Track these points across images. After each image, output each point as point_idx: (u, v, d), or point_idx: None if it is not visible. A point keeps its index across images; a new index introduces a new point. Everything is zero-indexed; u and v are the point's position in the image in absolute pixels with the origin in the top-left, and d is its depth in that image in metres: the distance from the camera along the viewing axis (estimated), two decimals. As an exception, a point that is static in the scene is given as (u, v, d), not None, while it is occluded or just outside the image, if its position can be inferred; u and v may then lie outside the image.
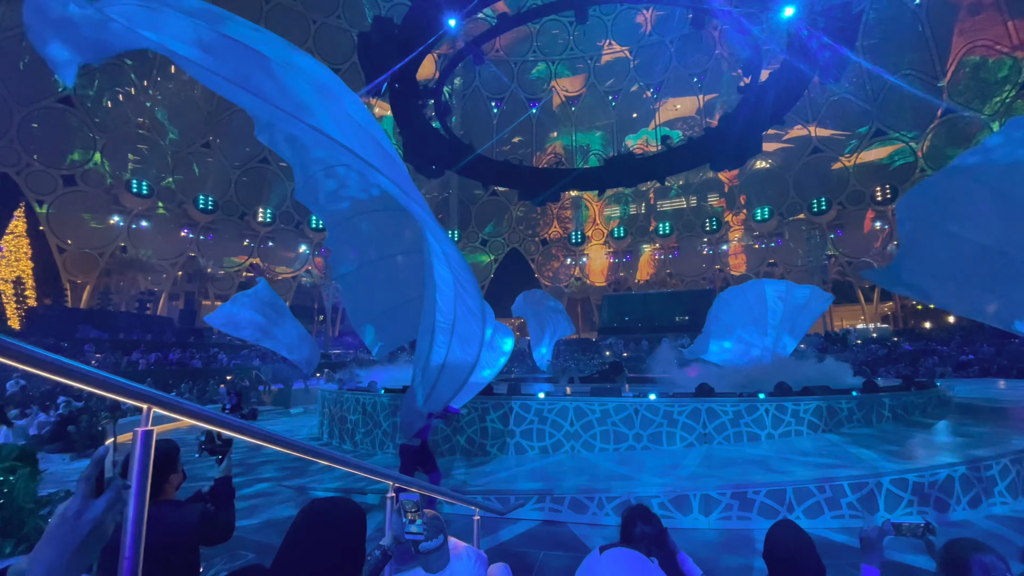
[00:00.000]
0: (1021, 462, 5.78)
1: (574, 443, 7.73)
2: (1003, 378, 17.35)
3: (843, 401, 8.38)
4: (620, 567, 0.95)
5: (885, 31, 30.95)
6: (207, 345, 28.33)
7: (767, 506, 5.40)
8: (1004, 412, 9.23)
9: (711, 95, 41.87)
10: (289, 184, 38.86)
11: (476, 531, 3.41)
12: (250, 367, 23.65)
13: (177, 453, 2.22)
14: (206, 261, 36.32)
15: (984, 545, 1.45)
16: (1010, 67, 27.31)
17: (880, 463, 5.88)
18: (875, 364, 22.69)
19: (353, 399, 9.43)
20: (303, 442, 1.74)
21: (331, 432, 10.04)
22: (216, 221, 36.22)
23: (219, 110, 35.71)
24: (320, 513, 1.29)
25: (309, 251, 40.64)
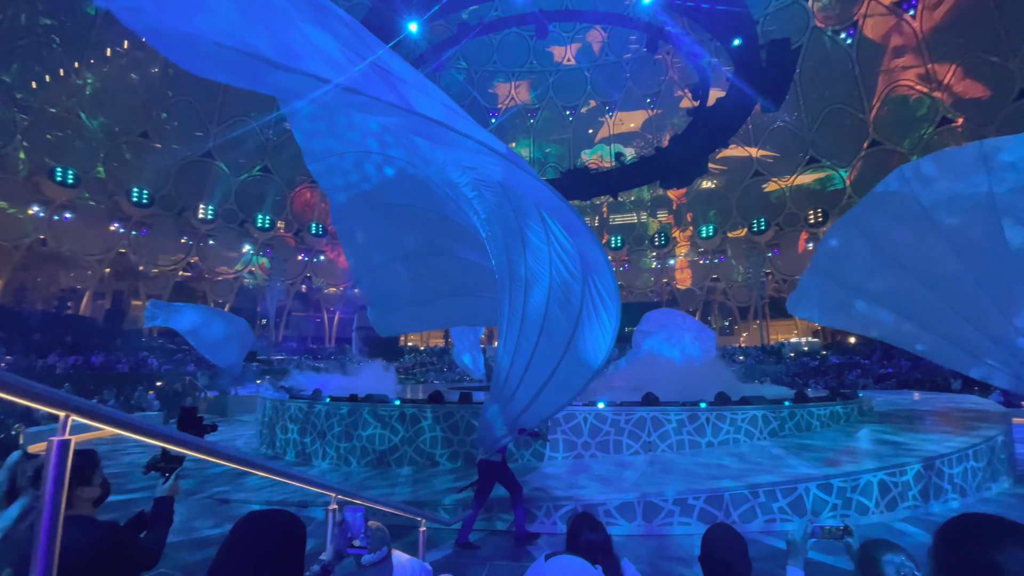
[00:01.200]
0: (932, 468, 6.29)
1: (524, 452, 7.75)
2: (918, 390, 18.89)
3: (777, 411, 8.86)
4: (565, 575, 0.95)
5: (820, 66, 33.36)
6: (135, 348, 26.44)
7: (706, 511, 5.61)
8: (917, 421, 10.05)
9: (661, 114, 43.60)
10: (234, 180, 37.11)
11: (422, 543, 3.35)
12: (183, 372, 22.25)
13: (92, 465, 2.04)
14: (138, 258, 33.92)
15: (895, 545, 1.58)
16: (928, 106, 30.08)
17: (808, 469, 6.24)
18: (806, 376, 24.15)
19: (296, 407, 9.06)
20: (240, 453, 1.66)
21: (272, 442, 9.59)
22: (151, 216, 33.94)
23: (159, 98, 33.69)
24: (255, 527, 1.23)
25: (253, 251, 38.85)
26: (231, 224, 37.56)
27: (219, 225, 36.96)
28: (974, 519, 0.87)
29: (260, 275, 38.91)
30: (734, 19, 20.37)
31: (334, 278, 42.77)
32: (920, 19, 28.91)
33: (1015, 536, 0.81)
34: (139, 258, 33.92)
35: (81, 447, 2.09)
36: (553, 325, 4.87)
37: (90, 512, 1.98)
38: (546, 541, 5.27)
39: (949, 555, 0.85)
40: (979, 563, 0.80)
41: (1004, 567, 0.76)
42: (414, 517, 3.31)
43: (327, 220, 42.06)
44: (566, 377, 5.03)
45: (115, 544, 1.82)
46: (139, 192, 33.09)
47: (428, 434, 7.86)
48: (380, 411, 8.14)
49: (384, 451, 7.94)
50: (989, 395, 15.60)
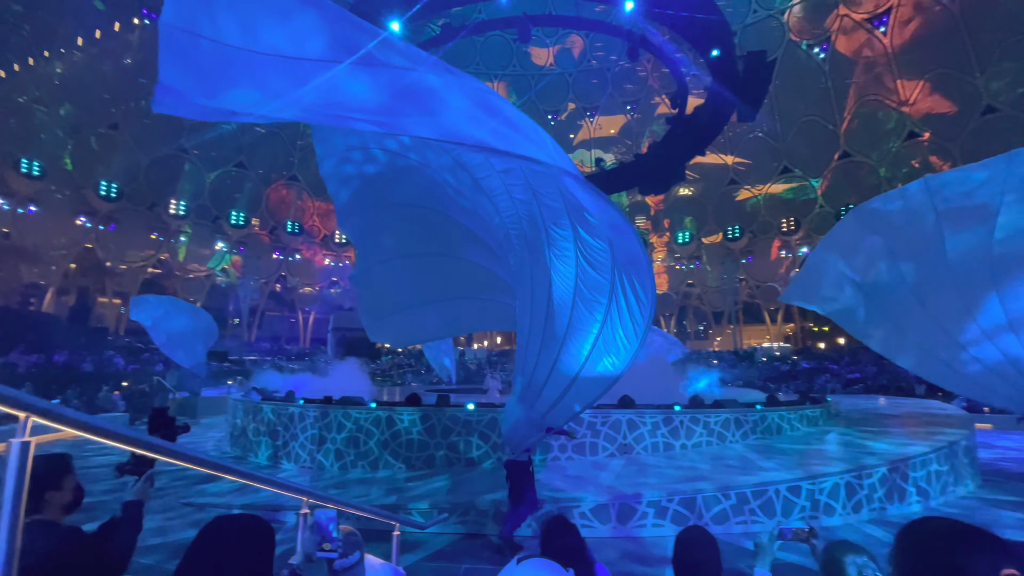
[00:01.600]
0: (896, 471, 6.51)
1: (501, 455, 7.73)
2: (883, 395, 19.52)
3: (749, 414, 9.05)
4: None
5: (795, 79, 34.31)
6: (100, 347, 25.53)
7: (680, 514, 5.69)
8: (883, 425, 10.39)
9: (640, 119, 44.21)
10: (208, 175, 36.20)
11: (395, 547, 3.31)
12: (151, 372, 21.56)
13: (62, 469, 1.97)
14: (105, 254, 32.79)
15: (858, 546, 1.63)
16: (896, 120, 31.21)
17: (778, 472, 6.39)
18: (778, 380, 24.73)
19: (269, 409, 8.88)
20: (210, 456, 1.62)
21: (243, 445, 9.37)
22: (120, 210, 32.82)
23: (131, 89, 32.69)
24: (222, 532, 1.20)
25: (227, 249, 37.93)
26: (204, 220, 36.63)
27: (191, 221, 36.01)
28: (932, 523, 0.90)
29: (233, 273, 38.02)
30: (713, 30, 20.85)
31: (310, 278, 42.08)
32: (890, 36, 29.98)
33: (972, 540, 0.83)
34: (106, 254, 32.78)
35: (51, 450, 2.02)
36: (581, 321, 4.84)
37: (59, 518, 1.91)
38: (521, 544, 5.26)
39: (908, 559, 0.88)
40: (937, 566, 0.83)
41: (962, 570, 0.79)
42: (388, 521, 3.28)
43: (303, 218, 41.39)
44: (594, 373, 4.99)
45: (80, 551, 1.76)
46: (107, 185, 31.98)
47: (404, 437, 7.79)
48: (355, 413, 8.04)
49: (358, 454, 7.84)
50: (952, 400, 16.22)
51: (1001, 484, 7.94)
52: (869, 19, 30.57)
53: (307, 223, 41.64)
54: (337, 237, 43.07)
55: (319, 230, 42.41)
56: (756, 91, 19.33)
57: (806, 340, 39.27)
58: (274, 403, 9.00)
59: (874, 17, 30.41)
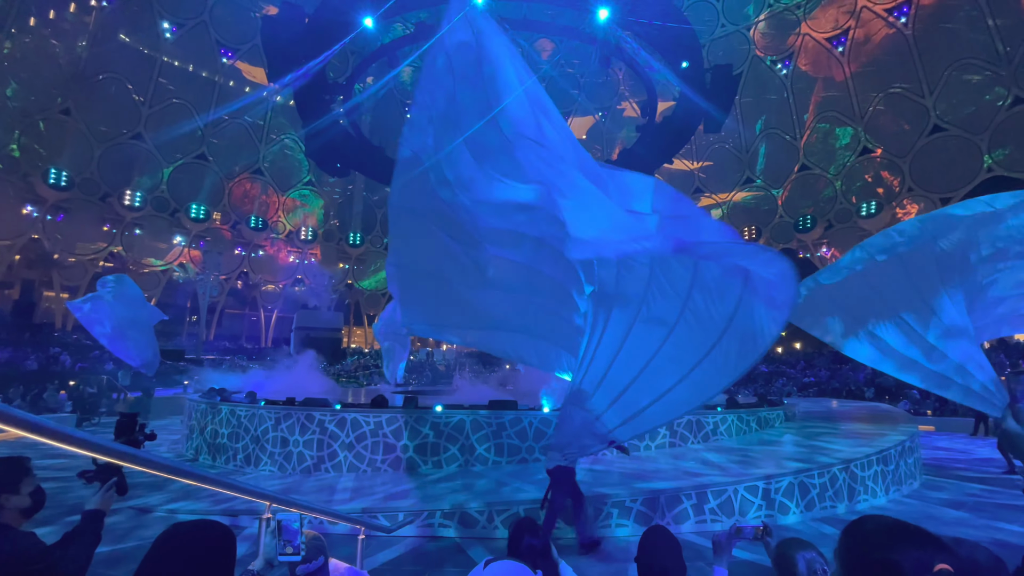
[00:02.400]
0: (847, 471, 6.83)
1: (468, 456, 7.72)
2: (835, 398, 20.44)
3: (710, 416, 9.32)
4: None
5: (758, 93, 35.58)
6: (46, 344, 24.15)
7: (642, 513, 5.81)
8: (835, 427, 10.87)
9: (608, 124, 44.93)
10: (166, 166, 34.73)
11: (360, 551, 3.27)
12: (101, 371, 20.52)
13: (21, 473, 1.88)
14: (53, 245, 30.99)
15: (807, 543, 1.72)
16: (851, 136, 32.79)
17: (737, 471, 6.61)
18: (737, 383, 25.50)
19: (227, 411, 8.60)
20: (165, 458, 1.57)
21: (199, 447, 9.03)
22: (70, 200, 31.09)
23: (85, 72, 31.06)
24: (179, 538, 1.17)
25: (185, 243, 36.46)
26: (161, 213, 35.07)
27: (147, 213, 34.42)
28: (871, 522, 0.97)
29: (192, 269, 36.58)
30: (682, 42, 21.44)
31: (272, 274, 40.89)
32: (848, 56, 31.47)
33: (910, 537, 0.90)
34: (54, 245, 30.98)
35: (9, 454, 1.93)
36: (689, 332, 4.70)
37: (16, 523, 1.83)
38: (488, 547, 5.27)
39: (851, 555, 0.95)
40: (877, 562, 0.89)
41: (900, 566, 0.86)
42: (353, 524, 3.23)
43: (267, 213, 40.20)
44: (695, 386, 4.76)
45: (34, 558, 1.68)
46: (57, 173, 30.26)
47: (370, 439, 7.68)
48: (319, 416, 7.87)
49: (323, 456, 7.68)
50: (898, 403, 17.14)
51: (941, 483, 8.44)
52: (828, 39, 32.02)
53: (271, 218, 40.48)
54: (302, 233, 42.01)
55: (284, 226, 41.29)
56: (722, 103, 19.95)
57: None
58: (234, 405, 8.72)
59: (833, 37, 31.88)
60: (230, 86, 37.23)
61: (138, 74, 33.16)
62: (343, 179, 41.13)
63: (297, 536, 1.64)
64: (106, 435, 12.22)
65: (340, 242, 43.96)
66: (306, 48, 19.95)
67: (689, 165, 41.40)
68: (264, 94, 36.49)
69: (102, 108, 31.78)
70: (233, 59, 36.63)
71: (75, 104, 30.95)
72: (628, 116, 42.67)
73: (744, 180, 38.83)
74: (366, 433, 7.69)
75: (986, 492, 7.72)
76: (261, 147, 39.41)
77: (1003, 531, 5.78)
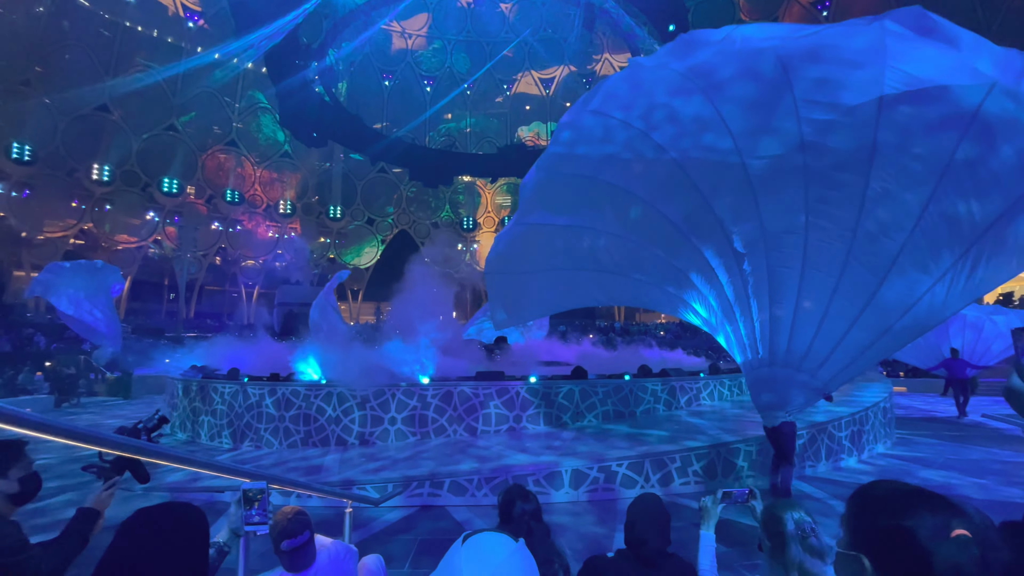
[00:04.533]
0: (824, 431, 7.03)
1: (456, 427, 7.77)
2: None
3: (692, 382, 9.49)
4: (483, 555, 0.92)
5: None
6: (18, 324, 23.48)
7: (628, 477, 5.93)
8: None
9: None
10: (135, 139, 33.30)
11: (348, 524, 3.26)
12: (77, 351, 20.06)
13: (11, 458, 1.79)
14: (20, 223, 29.76)
15: (794, 503, 1.73)
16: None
17: (720, 435, 6.76)
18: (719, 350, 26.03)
19: (210, 388, 8.48)
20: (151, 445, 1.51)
21: (182, 425, 8.94)
22: (35, 176, 29.73)
23: (46, 41, 29.28)
24: (146, 523, 1.10)
25: (159, 218, 35.34)
26: (132, 188, 33.81)
27: (117, 188, 33.16)
28: (884, 486, 0.92)
29: (167, 245, 35.59)
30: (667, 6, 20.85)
31: (252, 250, 40.03)
32: (832, 19, 31.15)
33: (925, 502, 0.85)
34: (21, 223, 29.76)
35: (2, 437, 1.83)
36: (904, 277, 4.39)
37: (7, 511, 1.76)
38: (477, 513, 5.34)
39: (861, 522, 0.90)
40: (890, 529, 0.85)
41: (914, 532, 0.82)
42: (340, 498, 3.21)
43: (244, 186, 39.07)
44: (907, 325, 4.60)
45: (5, 549, 1.60)
46: (20, 147, 28.82)
47: (357, 413, 7.66)
48: (303, 391, 7.80)
49: (309, 431, 7.65)
50: (872, 366, 17.68)
51: (912, 441, 8.78)
52: (813, 2, 31.59)
53: (248, 192, 39.37)
54: (281, 207, 41.03)
55: (261, 199, 40.22)
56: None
57: (746, 312, 41.42)
58: (216, 382, 8.59)
59: (818, 1, 31.45)
60: (197, 52, 35.54)
61: (100, 41, 31.41)
62: (321, 150, 40.02)
63: (264, 504, 1.58)
64: (88, 417, 12.03)
65: (320, 216, 43.10)
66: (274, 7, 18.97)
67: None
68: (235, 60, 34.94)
69: (64, 78, 30.13)
70: (199, 22, 34.87)
71: (35, 75, 29.29)
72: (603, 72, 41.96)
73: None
74: (353, 407, 7.66)
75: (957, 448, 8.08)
76: (234, 117, 37.97)
77: (985, 488, 6.07)
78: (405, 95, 44.47)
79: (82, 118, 31.35)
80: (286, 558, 2.10)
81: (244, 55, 34.57)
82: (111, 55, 32.04)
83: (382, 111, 43.46)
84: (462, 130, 46.05)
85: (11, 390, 14.80)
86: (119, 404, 14.26)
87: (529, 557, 0.98)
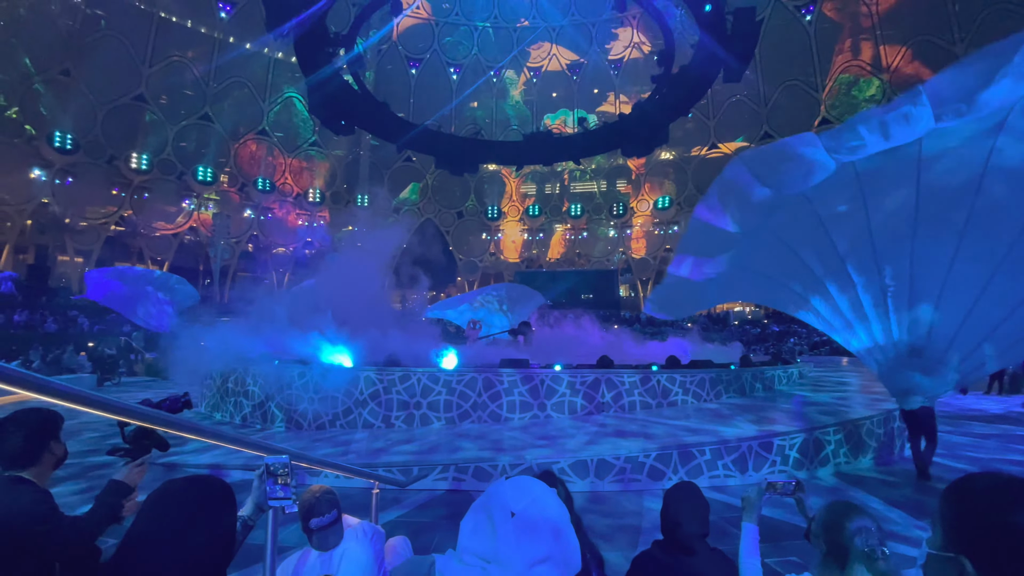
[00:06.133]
0: (860, 427, 6.76)
1: (481, 413, 7.77)
2: (847, 356, 20.31)
3: (723, 374, 9.25)
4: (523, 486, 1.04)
5: (780, 41, 33.82)
6: (63, 307, 24.59)
7: (656, 468, 5.82)
8: (848, 386, 10.80)
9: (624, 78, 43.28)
10: (171, 128, 34.24)
11: (375, 505, 3.26)
12: (118, 333, 20.91)
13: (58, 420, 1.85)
14: (63, 210, 31.03)
15: (861, 510, 1.55)
16: (877, 87, 31.24)
17: (750, 428, 6.57)
18: (749, 343, 25.48)
19: (243, 370, 8.68)
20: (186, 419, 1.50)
21: (217, 405, 9.20)
22: (77, 164, 30.91)
23: (83, 31, 30.25)
24: (172, 496, 1.07)
25: (194, 206, 36.36)
26: (168, 176, 34.86)
27: (155, 176, 34.24)
28: (986, 479, 0.81)
29: (203, 232, 36.63)
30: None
31: (283, 238, 40.86)
32: (876, 1, 29.64)
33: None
34: (64, 210, 31.03)
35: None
36: None
37: (47, 474, 1.83)
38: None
39: (964, 520, 0.79)
40: (994, 525, 0.74)
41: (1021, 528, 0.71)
42: (367, 479, 3.21)
43: (275, 175, 39.81)
44: None
45: (37, 517, 1.62)
46: (62, 136, 29.96)
47: (384, 396, 7.73)
48: (334, 374, 7.91)
49: (338, 414, 7.76)
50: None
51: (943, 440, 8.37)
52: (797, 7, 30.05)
53: (279, 180, 40.12)
54: (311, 196, 41.68)
55: (292, 188, 40.95)
56: (744, 50, 18.93)
57: (777, 304, 40.36)
58: (251, 363, 8.79)
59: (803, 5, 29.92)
60: (230, 42, 36.20)
61: (136, 32, 32.26)
62: (349, 138, 40.40)
63: (288, 480, 1.55)
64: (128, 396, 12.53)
65: (348, 204, 43.64)
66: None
67: (705, 122, 40.07)
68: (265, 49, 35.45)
69: (101, 68, 31.11)
70: (231, 13, 35.46)
71: (74, 64, 30.30)
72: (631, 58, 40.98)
73: (762, 136, 37.54)
74: (380, 391, 7.73)
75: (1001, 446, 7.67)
76: (265, 106, 38.64)
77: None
78: (431, 83, 44.41)
79: (119, 107, 32.35)
80: (314, 537, 2.09)
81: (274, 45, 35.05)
82: (147, 45, 32.89)
83: (408, 99, 43.55)
84: (488, 118, 45.80)
85: (57, 369, 15.53)
86: (157, 383, 14.80)
87: (562, 504, 1.06)
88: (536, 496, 1.02)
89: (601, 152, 34.08)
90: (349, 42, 22.53)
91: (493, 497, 1.03)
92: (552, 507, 1.03)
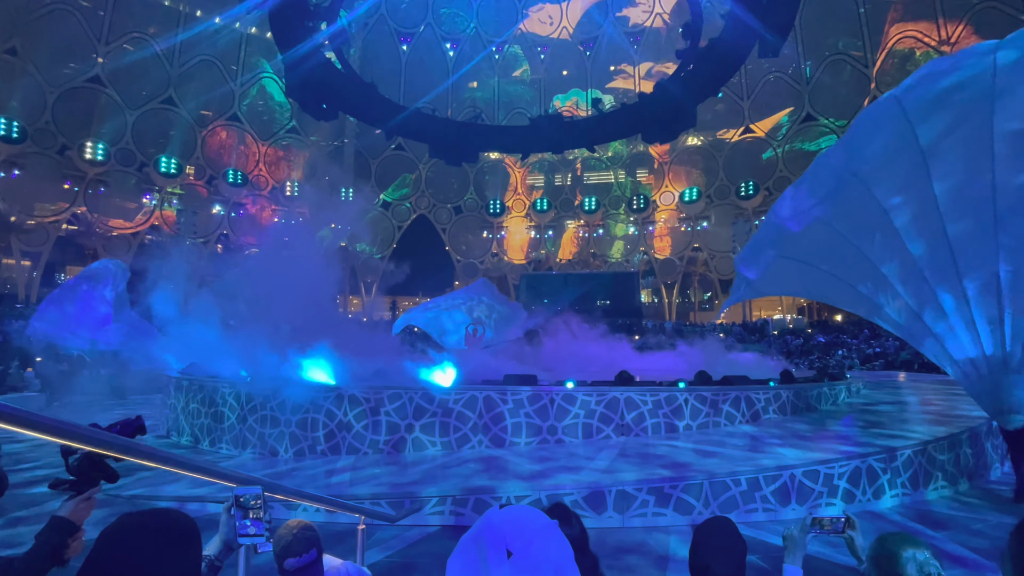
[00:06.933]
0: (924, 454, 6.69)
1: (482, 437, 7.75)
2: (906, 371, 20.16)
3: (760, 392, 9.18)
4: (522, 519, 1.02)
5: (823, 8, 33.84)
6: (8, 316, 24.78)
7: (683, 501, 5.78)
8: (905, 405, 10.70)
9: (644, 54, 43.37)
10: (130, 114, 34.58)
11: (360, 542, 3.25)
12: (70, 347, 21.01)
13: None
14: (8, 206, 31.42)
15: (917, 540, 1.57)
16: (934, 62, 31.24)
17: (793, 455, 6.51)
18: (791, 355, 25.33)
19: (210, 387, 8.72)
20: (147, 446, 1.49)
21: (179, 428, 9.23)
22: (24, 154, 31.32)
23: (31, 4, 30.65)
24: (129, 532, 1.07)
25: (156, 202, 36.67)
26: (127, 168, 35.21)
27: (112, 168, 34.57)
28: None
29: (165, 231, 36.92)
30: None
31: (256, 236, 41.11)
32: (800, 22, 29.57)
33: None
34: (9, 206, 31.40)
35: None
36: None
37: None
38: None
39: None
40: None
41: None
42: (352, 513, 3.20)
43: (247, 166, 40.08)
44: None
45: None
46: (7, 124, 30.34)
47: (370, 418, 7.73)
48: (313, 393, 7.92)
49: (318, 437, 7.77)
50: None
51: None
52: None
53: (252, 172, 40.41)
54: (288, 189, 41.94)
55: (266, 181, 41.23)
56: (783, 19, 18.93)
57: (821, 312, 40.14)
58: (216, 380, 8.82)
59: None
60: (197, 16, 36.60)
61: (90, 5, 32.67)
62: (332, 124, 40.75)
63: (260, 514, 1.54)
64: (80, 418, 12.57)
65: (331, 198, 43.88)
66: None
67: (738, 103, 40.06)
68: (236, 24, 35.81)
69: (52, 46, 31.50)
70: (199, -17, 35.90)
71: (21, 42, 30.69)
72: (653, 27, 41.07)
73: (804, 118, 37.48)
74: (366, 411, 7.74)
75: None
76: (236, 88, 38.96)
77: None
78: (424, 60, 44.70)
79: (72, 91, 32.71)
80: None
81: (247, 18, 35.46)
82: (103, 20, 33.29)
83: (399, 79, 43.83)
84: (489, 100, 46.01)
85: (0, 387, 15.62)
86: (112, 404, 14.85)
87: (566, 541, 1.04)
88: (537, 531, 1.00)
89: (618, 137, 34.06)
90: (331, 14, 22.68)
91: (487, 531, 1.00)
92: (556, 545, 1.00)
